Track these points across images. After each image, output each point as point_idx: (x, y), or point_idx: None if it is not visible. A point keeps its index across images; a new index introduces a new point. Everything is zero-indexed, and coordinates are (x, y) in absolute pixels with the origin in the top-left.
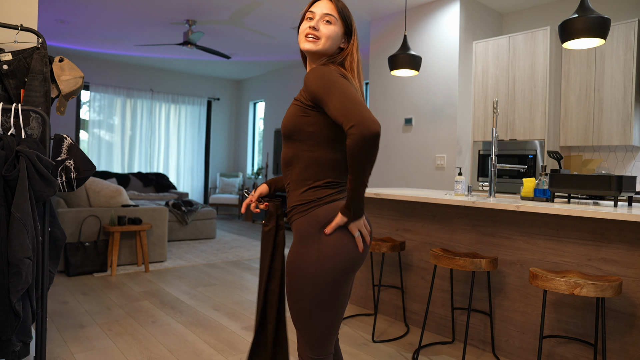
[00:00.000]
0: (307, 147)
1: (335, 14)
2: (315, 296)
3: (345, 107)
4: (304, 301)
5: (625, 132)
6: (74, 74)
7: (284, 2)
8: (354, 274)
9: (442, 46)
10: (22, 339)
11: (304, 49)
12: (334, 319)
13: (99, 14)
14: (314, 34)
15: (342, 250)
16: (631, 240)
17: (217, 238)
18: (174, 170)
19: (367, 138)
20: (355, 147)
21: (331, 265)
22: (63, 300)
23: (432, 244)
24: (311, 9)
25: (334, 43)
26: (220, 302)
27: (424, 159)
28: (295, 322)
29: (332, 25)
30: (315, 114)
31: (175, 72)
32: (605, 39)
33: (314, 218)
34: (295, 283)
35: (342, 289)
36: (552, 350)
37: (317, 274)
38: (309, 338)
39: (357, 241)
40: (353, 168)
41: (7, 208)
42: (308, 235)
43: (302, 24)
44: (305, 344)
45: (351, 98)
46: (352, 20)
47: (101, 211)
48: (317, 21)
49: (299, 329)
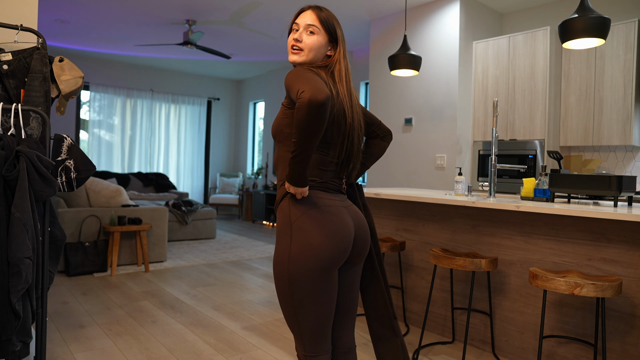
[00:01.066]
0: (287, 148)
1: (318, 24)
2: (293, 293)
3: (302, 85)
4: (286, 298)
5: (625, 132)
6: (74, 74)
7: (284, 2)
8: (332, 271)
9: (442, 46)
10: (22, 339)
11: (291, 61)
12: (319, 317)
13: (99, 14)
14: (297, 45)
15: (311, 247)
16: (631, 240)
17: (217, 238)
18: (174, 170)
19: (312, 104)
20: (299, 112)
21: (302, 262)
22: (63, 300)
23: (432, 244)
24: (296, 21)
25: (318, 52)
26: (220, 302)
27: (424, 159)
28: (285, 318)
29: (315, 36)
30: (291, 114)
31: (175, 72)
32: (605, 39)
33: (285, 212)
34: (277, 279)
35: (320, 285)
36: (552, 350)
37: (290, 270)
38: (298, 335)
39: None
40: (295, 132)
41: (7, 208)
42: (282, 230)
43: (289, 35)
44: (297, 341)
45: (310, 79)
46: (336, 28)
47: (101, 211)
48: (300, 33)
49: (289, 325)
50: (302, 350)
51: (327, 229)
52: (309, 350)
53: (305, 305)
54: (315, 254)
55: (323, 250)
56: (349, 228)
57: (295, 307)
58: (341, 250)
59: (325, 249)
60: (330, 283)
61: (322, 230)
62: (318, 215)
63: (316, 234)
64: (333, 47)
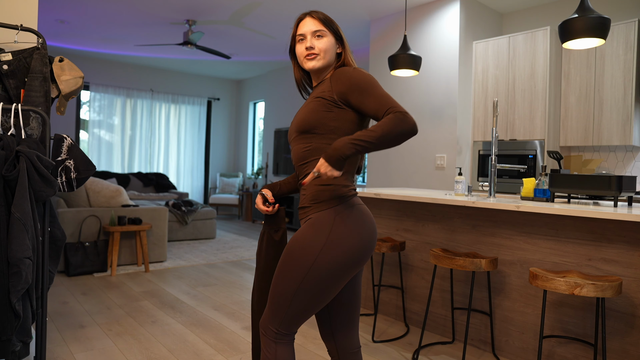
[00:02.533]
0: (328, 141)
1: (322, 27)
2: (306, 279)
3: (390, 99)
4: (293, 281)
5: (625, 132)
6: (74, 74)
7: (284, 2)
8: (352, 272)
9: (442, 46)
10: (22, 339)
11: (309, 68)
12: (314, 307)
13: (99, 14)
14: (312, 52)
15: (350, 243)
16: (631, 240)
17: (217, 238)
18: (174, 170)
19: (413, 131)
20: (396, 123)
21: (335, 256)
22: (63, 300)
23: (432, 244)
24: (299, 33)
25: (332, 53)
26: (220, 302)
27: (424, 159)
28: (274, 295)
29: (324, 38)
30: (338, 111)
31: (175, 72)
32: (605, 39)
33: (333, 211)
34: (294, 261)
35: (338, 282)
36: (552, 350)
37: (317, 260)
38: (280, 314)
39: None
40: (378, 132)
41: (7, 208)
42: (323, 222)
43: (296, 47)
44: (272, 317)
45: (389, 96)
46: (337, 25)
47: (101, 211)
48: (309, 40)
49: (274, 302)
50: (276, 326)
51: (366, 231)
52: (285, 328)
53: (310, 293)
54: (351, 252)
55: (359, 250)
56: (376, 233)
57: (297, 291)
58: (371, 253)
59: (360, 249)
60: (344, 282)
61: (363, 231)
62: (361, 216)
63: (357, 234)
64: (339, 44)
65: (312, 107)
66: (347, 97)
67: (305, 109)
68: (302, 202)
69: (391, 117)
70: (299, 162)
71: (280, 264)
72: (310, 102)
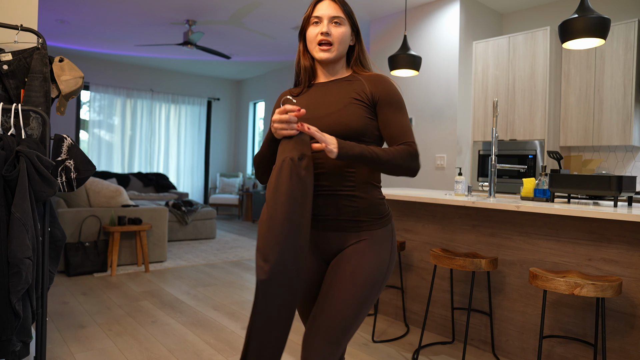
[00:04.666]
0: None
1: (343, 14)
2: (374, 299)
3: (412, 132)
4: (367, 305)
5: (625, 132)
6: (74, 74)
7: (284, 2)
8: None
9: (442, 46)
10: (22, 339)
11: (320, 59)
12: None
13: (99, 14)
14: (326, 39)
15: (395, 255)
16: (631, 240)
17: (217, 238)
18: (174, 171)
19: (416, 162)
20: (408, 151)
21: (392, 268)
22: (63, 300)
23: (432, 244)
24: (315, 14)
25: (345, 45)
26: (220, 302)
27: (424, 159)
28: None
29: (342, 27)
30: (374, 118)
31: (175, 72)
32: (605, 39)
33: (390, 227)
34: (368, 286)
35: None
36: (552, 350)
37: (386, 276)
38: (347, 341)
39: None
40: (389, 159)
41: (7, 208)
42: (384, 238)
43: (308, 30)
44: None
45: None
46: (355, 17)
47: (101, 211)
48: (326, 25)
49: (349, 331)
50: (343, 352)
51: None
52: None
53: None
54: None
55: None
56: None
57: (366, 310)
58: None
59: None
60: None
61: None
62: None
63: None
64: (354, 36)
65: (354, 111)
66: (381, 107)
67: (345, 110)
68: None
69: (406, 149)
70: (344, 167)
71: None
72: (351, 103)
